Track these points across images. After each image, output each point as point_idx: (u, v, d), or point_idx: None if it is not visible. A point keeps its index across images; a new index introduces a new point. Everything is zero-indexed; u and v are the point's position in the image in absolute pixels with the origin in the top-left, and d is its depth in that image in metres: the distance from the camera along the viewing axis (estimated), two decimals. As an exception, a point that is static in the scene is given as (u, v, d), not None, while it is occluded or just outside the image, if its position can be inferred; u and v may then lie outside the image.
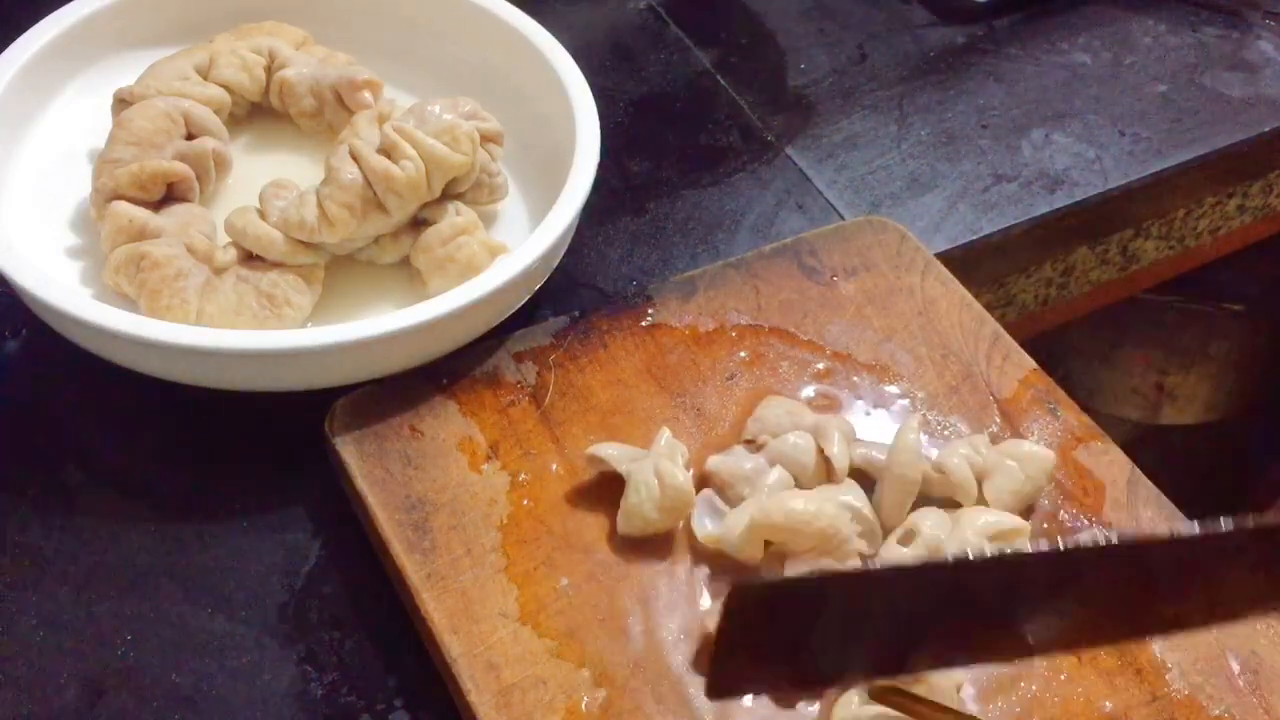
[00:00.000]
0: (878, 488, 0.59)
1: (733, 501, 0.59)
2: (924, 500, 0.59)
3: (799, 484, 0.59)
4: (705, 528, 0.58)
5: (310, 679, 0.56)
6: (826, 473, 0.60)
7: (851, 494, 0.59)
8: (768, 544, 0.57)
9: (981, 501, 0.59)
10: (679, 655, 0.55)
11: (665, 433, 0.59)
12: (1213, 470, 1.31)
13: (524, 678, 0.53)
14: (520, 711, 0.52)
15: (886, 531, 0.58)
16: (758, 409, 0.62)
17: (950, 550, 0.56)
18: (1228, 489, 1.29)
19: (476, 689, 0.53)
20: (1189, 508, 0.61)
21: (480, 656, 0.54)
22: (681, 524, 0.58)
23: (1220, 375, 1.28)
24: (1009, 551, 0.52)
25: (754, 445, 0.61)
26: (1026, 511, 0.60)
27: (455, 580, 0.56)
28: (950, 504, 0.59)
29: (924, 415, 0.64)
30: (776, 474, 0.59)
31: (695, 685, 0.54)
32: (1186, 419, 1.30)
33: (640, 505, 0.57)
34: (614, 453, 0.59)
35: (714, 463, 0.60)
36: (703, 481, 0.60)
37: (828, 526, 0.56)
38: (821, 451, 0.60)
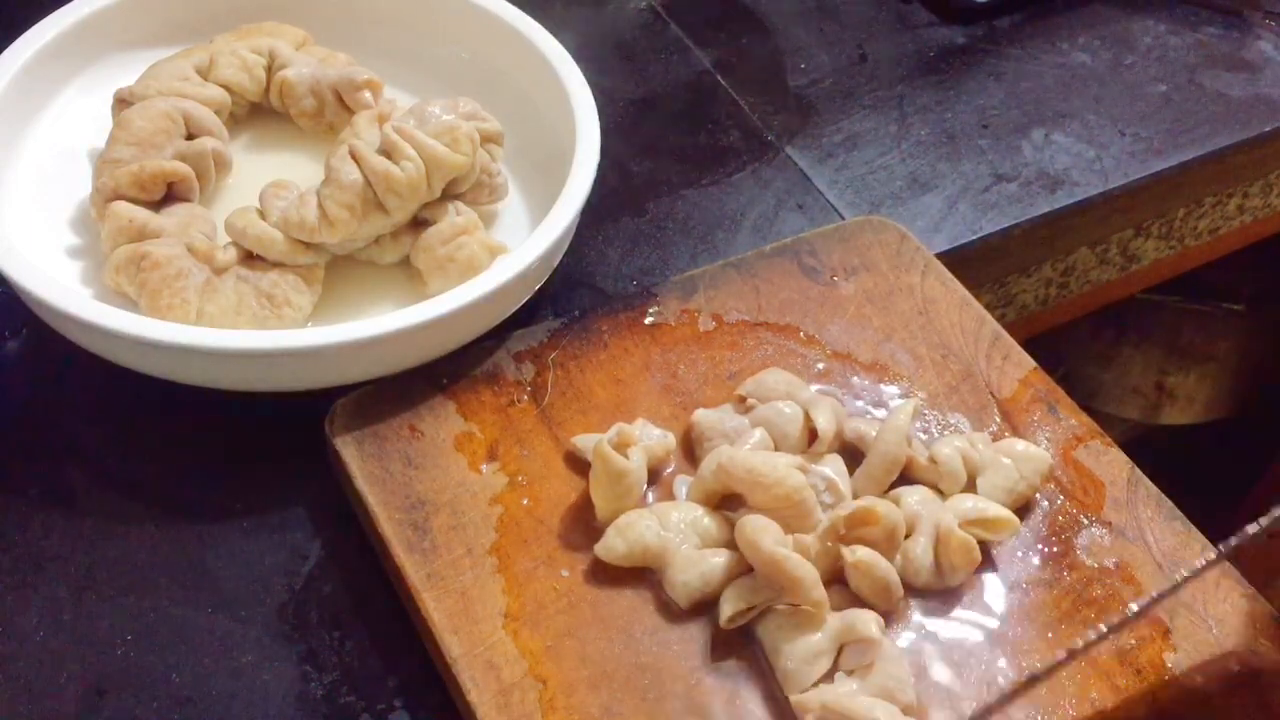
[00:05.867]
0: (863, 463, 0.60)
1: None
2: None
3: (779, 451, 0.60)
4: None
5: (310, 679, 0.56)
6: (810, 446, 0.60)
7: (831, 466, 0.59)
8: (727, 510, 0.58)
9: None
10: (680, 654, 0.55)
11: (618, 425, 0.60)
12: (1213, 470, 1.31)
13: (524, 677, 0.53)
14: (520, 711, 0.52)
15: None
16: (760, 374, 0.63)
17: (922, 529, 0.57)
18: (1228, 489, 1.29)
19: (476, 689, 0.53)
20: (1189, 508, 0.61)
21: (480, 656, 0.54)
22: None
23: (1220, 375, 1.28)
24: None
25: (744, 406, 0.62)
26: (1022, 511, 0.60)
27: (455, 580, 0.56)
28: (939, 493, 0.59)
29: (925, 414, 0.64)
30: (758, 436, 0.60)
31: (696, 685, 0.54)
32: (1186, 419, 1.30)
33: (594, 489, 0.58)
34: (586, 443, 0.60)
35: (699, 415, 0.61)
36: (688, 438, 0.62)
37: (792, 492, 0.56)
38: (809, 425, 0.60)
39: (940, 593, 0.57)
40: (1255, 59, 0.89)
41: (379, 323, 0.59)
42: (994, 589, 0.58)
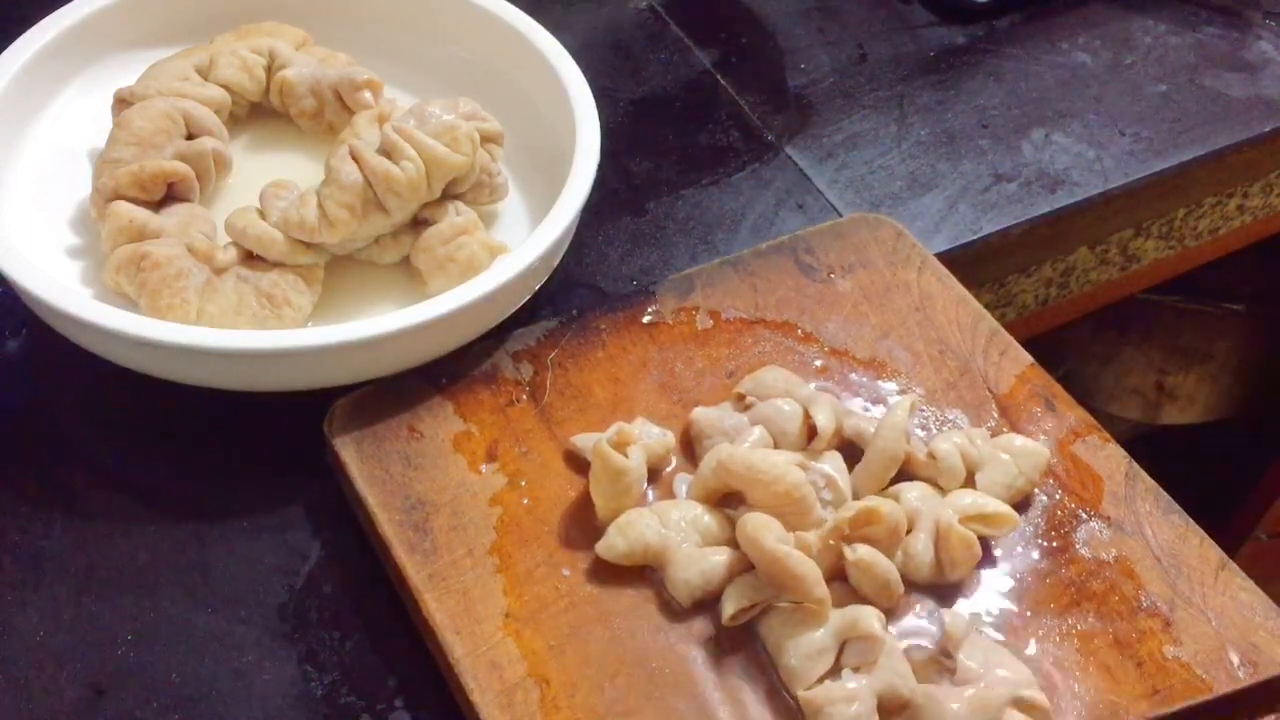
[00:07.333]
0: (862, 459, 0.60)
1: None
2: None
3: (779, 448, 0.60)
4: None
5: (310, 679, 0.56)
6: (809, 443, 0.60)
7: (830, 463, 0.59)
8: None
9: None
10: (683, 652, 0.55)
11: (618, 424, 0.60)
12: (1213, 470, 1.31)
13: (526, 677, 0.53)
14: (523, 711, 0.52)
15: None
16: (758, 372, 0.63)
17: (923, 526, 0.57)
18: (1228, 489, 1.29)
19: (479, 689, 0.53)
20: (1189, 508, 0.61)
21: (483, 656, 0.54)
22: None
23: (1220, 375, 1.28)
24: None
25: (743, 404, 0.62)
26: (1021, 505, 0.60)
27: (457, 581, 0.56)
28: (938, 489, 0.59)
29: (923, 410, 0.64)
30: (757, 433, 0.60)
31: (699, 682, 0.54)
32: (1186, 419, 1.30)
33: (594, 488, 0.58)
34: (585, 442, 0.60)
35: (698, 413, 0.61)
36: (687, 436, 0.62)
37: (792, 489, 0.56)
38: (808, 422, 0.60)
39: (941, 588, 0.57)
40: (1255, 59, 0.89)
41: (379, 323, 0.59)
42: (994, 584, 0.58)
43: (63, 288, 0.60)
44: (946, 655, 0.54)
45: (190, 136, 0.67)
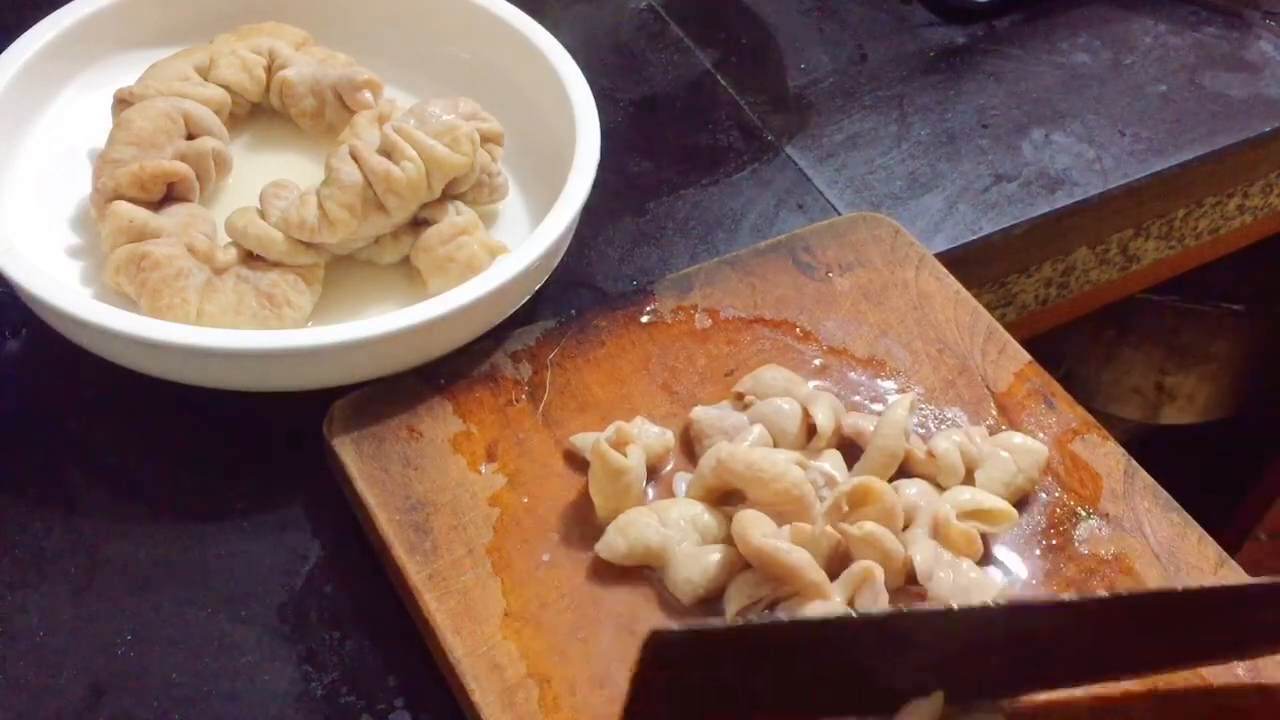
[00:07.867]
0: (861, 458, 0.60)
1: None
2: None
3: (778, 447, 0.60)
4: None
5: (310, 679, 0.56)
6: (809, 442, 0.60)
7: (829, 462, 0.59)
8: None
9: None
10: (679, 654, 0.55)
11: (617, 423, 0.60)
12: (1213, 470, 1.31)
13: (527, 677, 0.53)
14: (525, 710, 0.52)
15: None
16: (757, 371, 0.63)
17: (921, 520, 0.57)
18: (1228, 489, 1.30)
19: (480, 689, 0.53)
20: (1189, 508, 0.61)
21: (484, 656, 0.54)
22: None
23: (1220, 375, 1.28)
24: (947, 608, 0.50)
25: (742, 403, 0.62)
26: (1020, 503, 0.60)
27: (457, 580, 0.56)
28: (937, 487, 0.59)
29: (921, 409, 0.64)
30: (756, 432, 0.60)
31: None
32: (1186, 419, 1.30)
33: (594, 487, 0.58)
34: (585, 442, 0.60)
35: (698, 412, 0.61)
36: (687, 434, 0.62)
37: (791, 487, 0.56)
38: (807, 422, 0.60)
39: (941, 587, 0.57)
40: (1255, 59, 0.89)
41: (379, 323, 0.59)
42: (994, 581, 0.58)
43: (63, 288, 0.60)
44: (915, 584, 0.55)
45: (190, 136, 0.67)
